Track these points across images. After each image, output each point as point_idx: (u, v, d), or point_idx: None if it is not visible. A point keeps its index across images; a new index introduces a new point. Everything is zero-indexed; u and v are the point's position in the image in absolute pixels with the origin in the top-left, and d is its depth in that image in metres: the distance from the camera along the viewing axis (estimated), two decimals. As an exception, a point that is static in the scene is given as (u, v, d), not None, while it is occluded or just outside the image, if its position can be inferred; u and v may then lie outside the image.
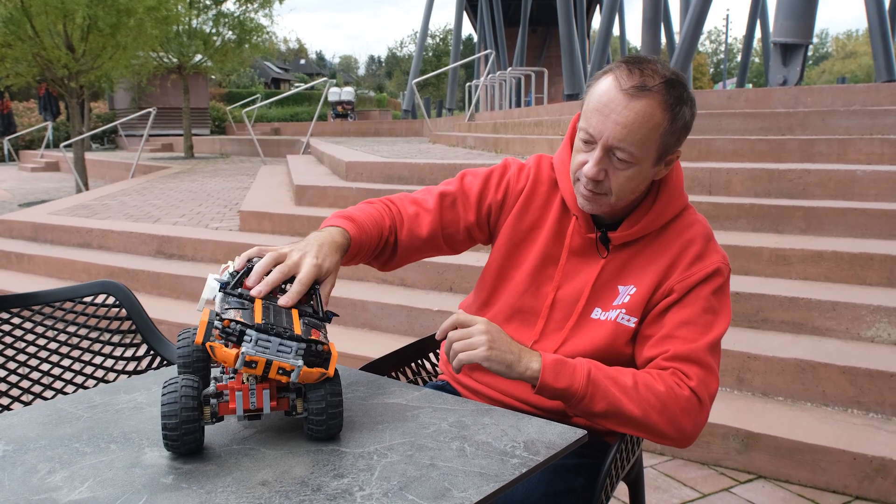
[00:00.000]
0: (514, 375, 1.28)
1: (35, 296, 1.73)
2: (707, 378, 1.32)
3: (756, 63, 54.08)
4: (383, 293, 4.08)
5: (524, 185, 1.53)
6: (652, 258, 1.41)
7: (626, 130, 1.28)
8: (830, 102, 5.86)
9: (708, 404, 1.32)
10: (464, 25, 28.65)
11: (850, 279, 3.37)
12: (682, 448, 1.36)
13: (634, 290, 1.40)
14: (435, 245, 1.54)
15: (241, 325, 1.01)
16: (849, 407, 2.78)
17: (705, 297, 1.36)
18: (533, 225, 1.51)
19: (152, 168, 12.91)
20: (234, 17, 15.87)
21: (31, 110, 24.05)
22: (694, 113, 1.36)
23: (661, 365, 1.33)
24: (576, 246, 1.46)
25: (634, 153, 1.30)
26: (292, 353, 1.01)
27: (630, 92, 1.28)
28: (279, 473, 0.98)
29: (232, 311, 1.04)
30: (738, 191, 4.26)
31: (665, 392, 1.28)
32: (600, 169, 1.32)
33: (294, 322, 1.07)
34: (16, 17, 9.66)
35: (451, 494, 0.92)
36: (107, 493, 0.93)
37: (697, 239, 1.41)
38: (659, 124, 1.29)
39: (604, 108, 1.30)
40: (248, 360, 0.99)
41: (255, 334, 1.00)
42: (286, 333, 1.02)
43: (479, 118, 13.05)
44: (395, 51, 76.32)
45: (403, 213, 1.52)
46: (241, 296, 1.11)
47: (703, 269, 1.38)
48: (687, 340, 1.33)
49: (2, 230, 6.65)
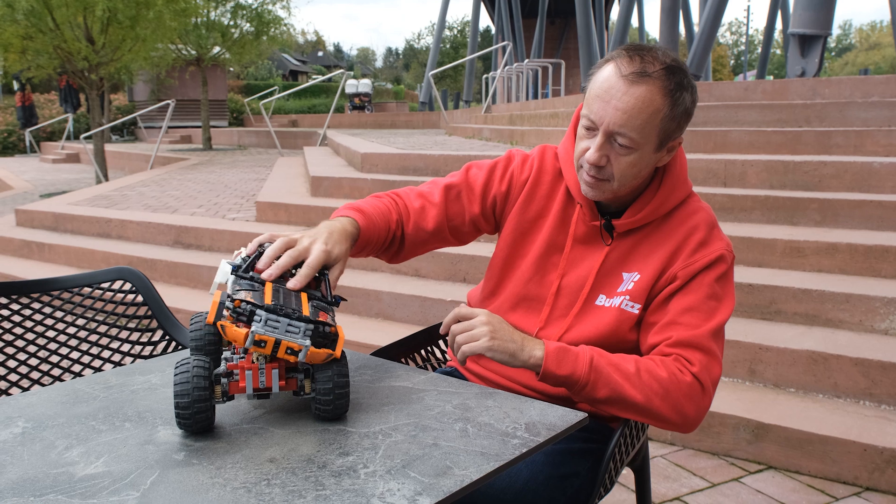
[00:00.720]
0: (518, 364, 1.30)
1: (54, 281, 1.78)
2: (710, 364, 1.33)
3: (777, 55, 53.53)
4: (397, 283, 4.11)
5: (528, 175, 1.55)
6: (656, 245, 1.43)
7: (627, 116, 1.30)
8: (849, 94, 5.81)
9: (711, 390, 1.33)
10: (482, 17, 28.62)
11: (865, 271, 3.36)
12: (686, 433, 1.37)
13: (638, 276, 1.42)
14: (441, 237, 1.57)
15: (252, 305, 1.04)
16: (861, 399, 2.78)
17: (709, 284, 1.37)
18: (538, 214, 1.53)
19: (171, 159, 13.03)
20: (251, 9, 15.92)
21: (53, 102, 24.30)
22: (695, 99, 1.38)
23: (665, 351, 1.34)
24: (580, 234, 1.48)
25: (635, 138, 1.31)
26: (300, 334, 1.04)
27: (630, 78, 1.30)
28: (287, 451, 1.01)
29: (243, 293, 1.07)
30: (753, 183, 4.25)
31: (667, 378, 1.30)
32: (602, 155, 1.34)
33: (303, 304, 1.10)
34: (37, 10, 9.76)
35: (452, 472, 0.95)
36: (121, 467, 0.97)
37: (701, 226, 1.42)
38: (659, 110, 1.31)
39: (604, 94, 1.31)
40: (257, 339, 1.01)
41: (265, 314, 1.03)
42: (295, 314, 1.05)
43: (496, 110, 13.05)
44: (413, 43, 76.27)
45: (409, 207, 1.55)
46: (253, 279, 1.14)
47: (706, 256, 1.39)
48: (690, 327, 1.34)
49: (23, 220, 6.75)
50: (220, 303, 1.07)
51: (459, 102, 26.81)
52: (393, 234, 1.51)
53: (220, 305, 1.07)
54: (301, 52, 62.08)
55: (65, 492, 0.91)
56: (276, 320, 1.03)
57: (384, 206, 1.51)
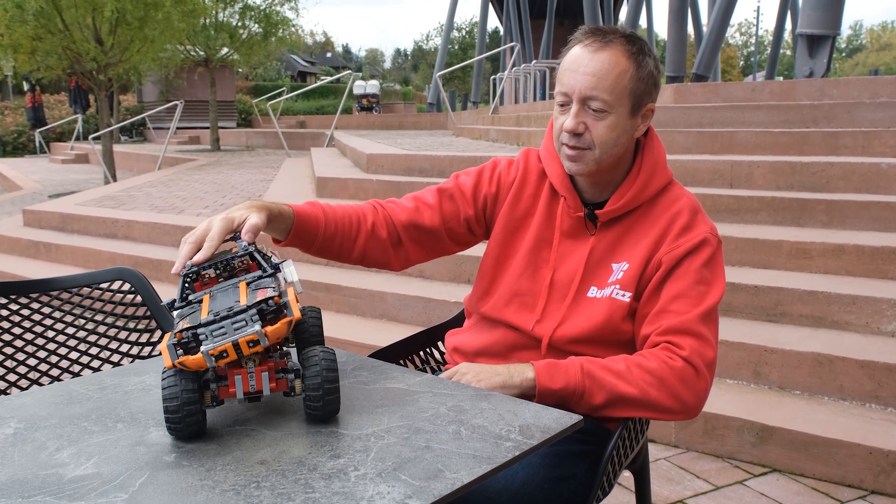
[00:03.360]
0: (513, 392, 1.32)
1: (53, 281, 1.78)
2: (701, 347, 1.34)
3: (787, 55, 53.29)
4: (401, 284, 4.11)
5: (514, 176, 1.59)
6: (642, 233, 1.45)
7: (596, 78, 1.36)
8: (857, 95, 5.77)
9: (706, 372, 1.34)
10: (490, 18, 28.57)
11: (872, 273, 3.33)
12: (690, 419, 1.39)
13: (627, 265, 1.44)
14: (437, 238, 1.59)
15: (190, 329, 1.02)
16: (867, 401, 2.76)
17: (696, 270, 1.39)
18: (525, 213, 1.56)
19: (179, 160, 13.06)
20: (260, 10, 15.96)
21: (62, 103, 24.42)
22: (658, 68, 1.44)
23: (655, 341, 1.36)
24: (566, 227, 1.51)
25: (607, 100, 1.36)
26: (248, 324, 1.02)
27: (594, 46, 1.38)
28: (277, 453, 1.00)
29: (181, 322, 1.06)
30: (759, 184, 4.22)
31: (658, 368, 1.31)
32: (579, 122, 1.38)
33: (241, 294, 1.09)
34: (46, 11, 9.81)
35: (444, 475, 0.94)
36: (110, 469, 0.96)
37: (684, 211, 1.45)
38: (626, 70, 1.37)
39: (572, 65, 1.39)
40: (214, 354, 1.00)
41: (207, 329, 1.02)
42: (232, 311, 1.03)
43: (503, 111, 13.03)
44: (422, 44, 76.28)
45: (398, 208, 1.57)
46: (190, 302, 1.12)
47: (690, 240, 1.41)
48: (679, 313, 1.36)
49: (31, 220, 6.78)
50: (169, 345, 1.03)
51: (468, 103, 26.77)
52: (372, 234, 1.52)
53: (169, 349, 1.03)
54: (310, 53, 62.12)
55: (53, 493, 0.90)
56: (219, 327, 1.02)
57: (357, 208, 1.54)
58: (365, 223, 1.52)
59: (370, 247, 1.54)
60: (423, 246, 1.59)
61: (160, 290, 1.87)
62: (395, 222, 1.55)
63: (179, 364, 1.01)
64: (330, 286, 4.17)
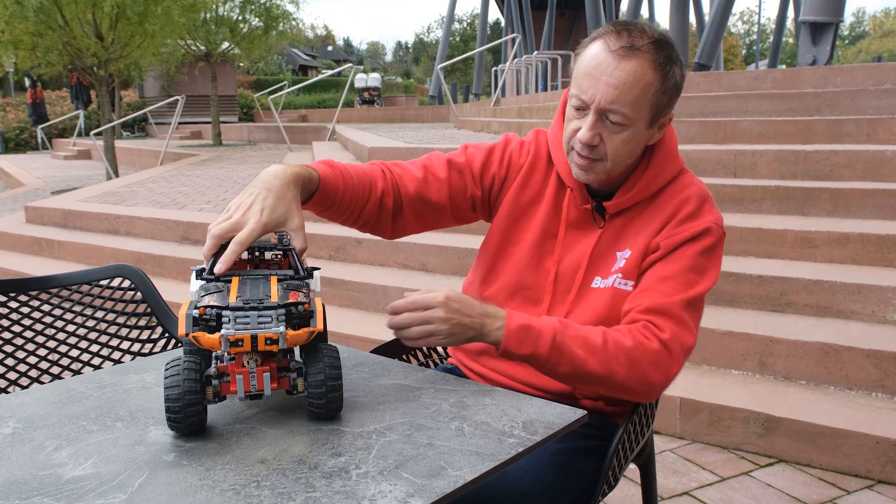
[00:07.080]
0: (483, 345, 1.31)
1: (52, 279, 1.77)
2: (681, 333, 1.31)
3: (790, 44, 53.08)
4: (404, 278, 4.09)
5: (525, 160, 1.53)
6: (647, 221, 1.41)
7: (618, 91, 1.27)
8: (861, 82, 5.73)
9: (680, 356, 1.31)
10: (491, 10, 28.49)
11: (877, 262, 3.31)
12: (647, 402, 1.37)
13: (630, 253, 1.40)
14: (441, 214, 1.52)
15: (217, 308, 1.01)
16: (873, 391, 2.74)
17: (691, 256, 1.35)
18: (532, 200, 1.51)
19: (181, 155, 13.04)
20: (260, 4, 15.91)
21: (64, 99, 24.41)
22: (684, 74, 1.36)
23: (635, 318, 1.32)
24: (572, 218, 1.46)
25: (628, 114, 1.29)
26: (273, 322, 1.01)
27: (620, 53, 1.27)
28: (278, 452, 0.99)
29: (208, 297, 1.04)
30: (763, 173, 4.20)
31: (633, 347, 1.28)
32: (594, 134, 1.32)
33: (272, 289, 1.06)
34: (46, 7, 9.78)
35: (446, 473, 0.92)
36: (109, 469, 0.95)
37: (692, 199, 1.40)
38: (650, 83, 1.29)
39: (594, 70, 1.29)
40: (232, 340, 0.98)
41: (232, 314, 1.00)
42: (262, 304, 1.02)
43: (505, 103, 12.98)
44: (423, 36, 76.17)
45: (408, 177, 1.48)
46: (218, 279, 1.10)
47: (692, 228, 1.36)
48: (663, 294, 1.32)
49: (33, 217, 6.77)
50: (188, 314, 1.03)
51: (469, 96, 26.71)
52: (379, 203, 1.45)
53: (187, 317, 1.03)
54: (311, 47, 62.07)
55: (51, 494, 0.89)
56: (245, 316, 1.00)
57: (368, 171, 1.45)
58: (375, 190, 1.44)
59: (373, 214, 1.46)
60: (423, 219, 1.52)
61: (162, 286, 1.86)
62: (402, 192, 1.47)
63: (193, 338, 1.00)
64: (333, 281, 4.16)
